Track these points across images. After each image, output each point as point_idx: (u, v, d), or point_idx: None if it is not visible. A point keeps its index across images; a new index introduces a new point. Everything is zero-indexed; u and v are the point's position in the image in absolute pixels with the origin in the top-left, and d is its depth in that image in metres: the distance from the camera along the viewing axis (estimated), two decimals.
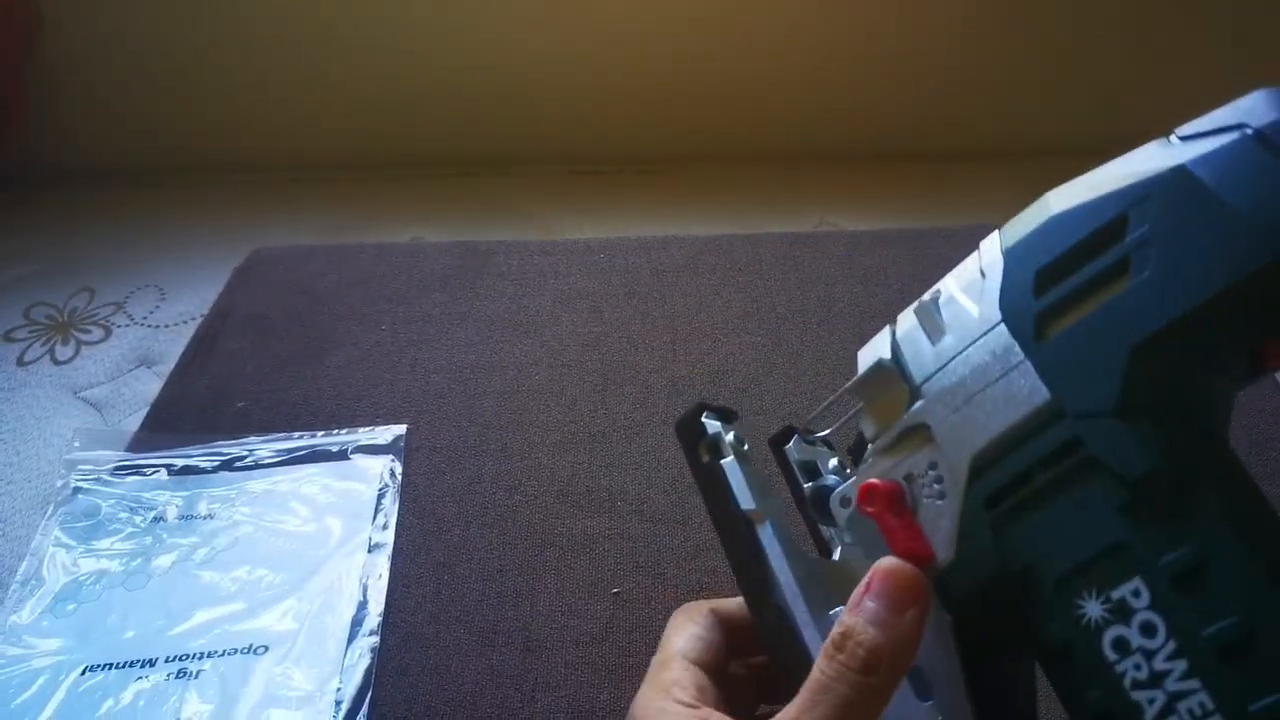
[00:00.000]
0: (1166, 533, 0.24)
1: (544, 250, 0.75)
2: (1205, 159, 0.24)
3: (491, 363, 0.64)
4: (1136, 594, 0.24)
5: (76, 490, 0.56)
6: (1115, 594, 0.25)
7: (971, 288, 0.29)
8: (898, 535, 0.29)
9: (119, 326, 0.74)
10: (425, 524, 0.54)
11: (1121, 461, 0.25)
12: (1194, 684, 0.23)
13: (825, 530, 0.34)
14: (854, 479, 0.31)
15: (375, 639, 0.48)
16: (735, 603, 0.35)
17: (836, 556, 0.33)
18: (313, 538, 0.53)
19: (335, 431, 0.59)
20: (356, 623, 0.49)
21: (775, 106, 0.92)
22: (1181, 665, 0.23)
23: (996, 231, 0.29)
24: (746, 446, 0.34)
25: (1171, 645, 0.24)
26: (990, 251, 0.29)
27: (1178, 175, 0.25)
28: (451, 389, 0.62)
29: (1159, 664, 0.24)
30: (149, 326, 0.74)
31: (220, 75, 0.89)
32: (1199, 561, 0.24)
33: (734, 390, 0.62)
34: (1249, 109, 0.24)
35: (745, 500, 0.32)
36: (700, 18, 0.86)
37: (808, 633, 0.31)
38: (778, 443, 0.36)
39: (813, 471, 0.35)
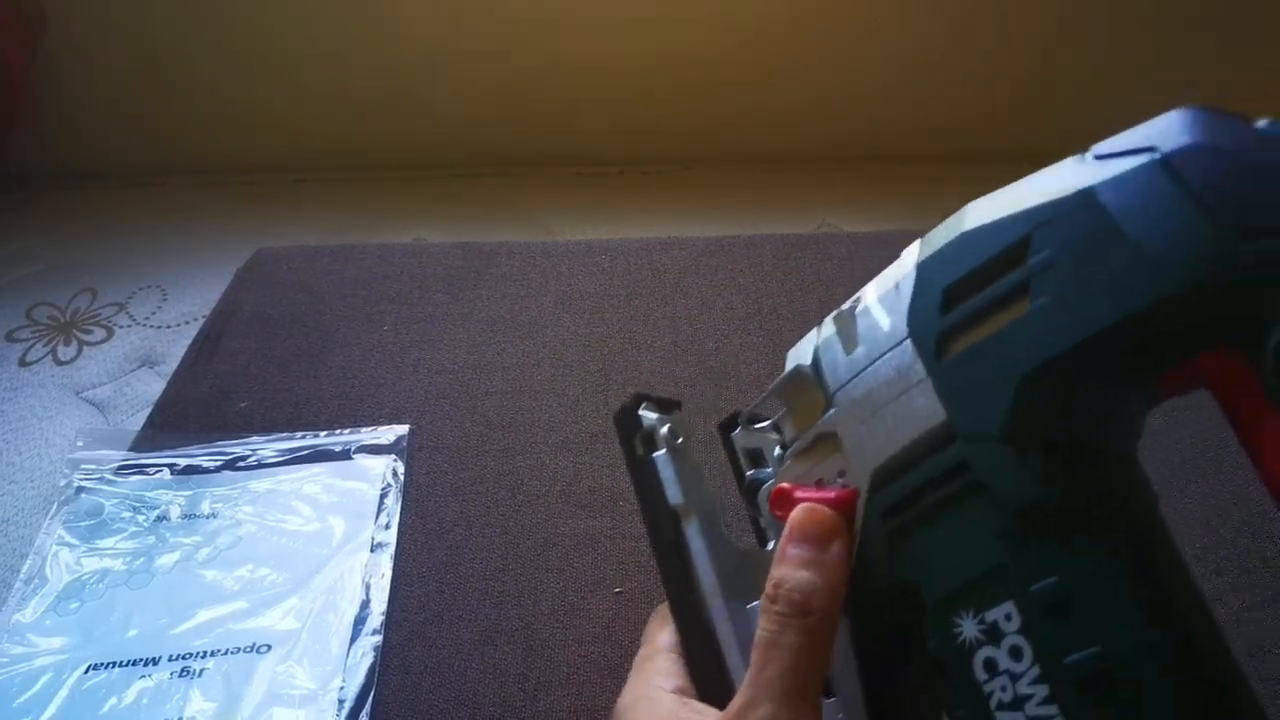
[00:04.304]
0: (1042, 560, 0.24)
1: (546, 251, 0.75)
2: (1113, 183, 0.23)
3: (494, 363, 0.64)
4: (1008, 617, 0.24)
5: (80, 490, 0.56)
6: (989, 616, 0.25)
7: (886, 299, 0.29)
8: None
9: (121, 327, 0.75)
10: (428, 523, 0.54)
11: (1004, 487, 0.25)
12: (1052, 710, 0.23)
13: (763, 519, 0.35)
14: (773, 480, 0.32)
15: (378, 638, 0.48)
16: None
17: (770, 546, 0.33)
18: (315, 537, 0.53)
19: (338, 431, 0.59)
20: (359, 622, 0.49)
21: (776, 109, 0.92)
22: (1043, 690, 0.23)
23: (918, 241, 0.29)
24: (680, 440, 0.34)
25: (1035, 670, 0.24)
26: (907, 262, 0.29)
27: (1084, 199, 0.24)
28: (454, 389, 0.63)
29: (1023, 688, 0.24)
30: (151, 327, 0.75)
31: (223, 76, 0.89)
32: (1068, 591, 0.24)
33: (735, 392, 0.62)
34: (1163, 130, 0.23)
35: (673, 494, 0.33)
36: (702, 20, 0.87)
37: (722, 629, 0.31)
38: (726, 428, 0.36)
39: (758, 458, 0.35)
